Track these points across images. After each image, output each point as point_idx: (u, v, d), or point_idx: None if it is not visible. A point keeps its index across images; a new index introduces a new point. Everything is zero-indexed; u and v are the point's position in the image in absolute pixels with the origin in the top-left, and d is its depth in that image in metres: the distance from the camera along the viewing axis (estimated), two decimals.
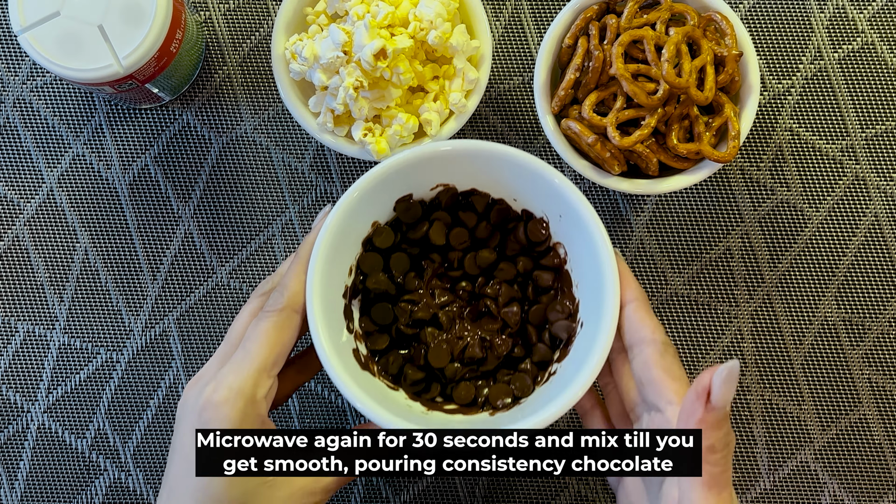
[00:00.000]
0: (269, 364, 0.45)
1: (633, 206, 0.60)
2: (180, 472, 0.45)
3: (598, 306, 0.48)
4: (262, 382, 0.45)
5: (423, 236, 0.53)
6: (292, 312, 0.47)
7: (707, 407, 0.41)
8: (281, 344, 0.46)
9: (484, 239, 0.54)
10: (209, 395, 0.45)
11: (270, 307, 0.47)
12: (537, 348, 0.53)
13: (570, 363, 0.50)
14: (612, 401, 0.50)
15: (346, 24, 0.54)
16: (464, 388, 0.53)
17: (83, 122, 0.60)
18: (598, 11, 0.54)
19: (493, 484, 0.60)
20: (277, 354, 0.46)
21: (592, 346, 0.47)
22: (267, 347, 0.46)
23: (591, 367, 0.47)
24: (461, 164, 0.51)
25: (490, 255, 0.54)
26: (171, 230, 0.60)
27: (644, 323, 0.46)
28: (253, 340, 0.46)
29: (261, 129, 0.60)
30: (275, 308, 0.47)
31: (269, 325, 0.46)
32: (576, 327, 0.51)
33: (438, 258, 0.54)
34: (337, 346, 0.49)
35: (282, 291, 0.47)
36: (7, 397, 0.60)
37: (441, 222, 0.53)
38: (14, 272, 0.60)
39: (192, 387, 0.46)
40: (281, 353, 0.46)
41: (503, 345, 0.53)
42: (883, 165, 0.60)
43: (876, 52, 0.60)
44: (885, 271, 0.60)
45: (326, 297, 0.49)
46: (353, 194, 0.49)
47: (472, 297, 0.54)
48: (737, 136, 0.52)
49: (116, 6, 0.51)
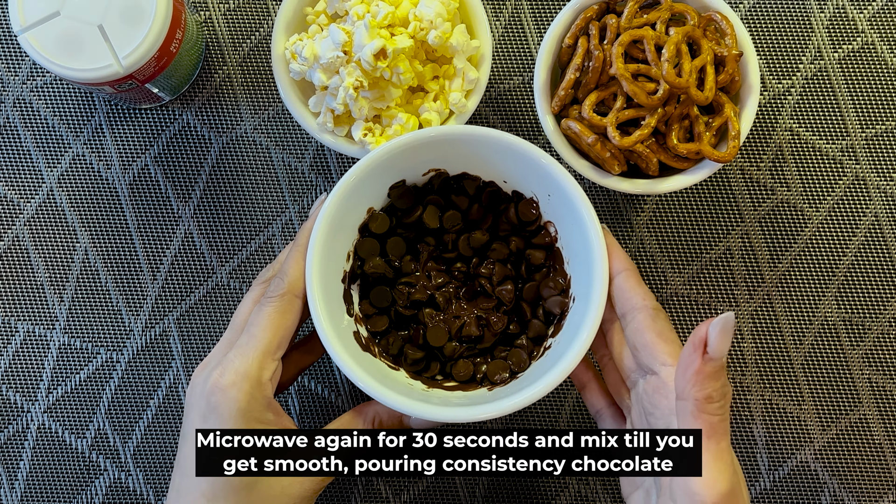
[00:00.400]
0: (274, 347, 0.47)
1: (633, 206, 0.60)
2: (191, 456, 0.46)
3: (589, 280, 0.50)
4: (268, 365, 0.47)
5: (418, 220, 0.55)
6: (293, 297, 0.48)
7: (704, 358, 0.41)
8: (284, 327, 0.47)
9: (476, 220, 0.56)
10: (216, 379, 0.46)
11: (272, 293, 0.48)
12: (532, 324, 0.55)
13: (564, 337, 0.52)
14: (609, 371, 0.51)
15: (346, 23, 0.54)
16: (462, 366, 0.55)
17: (83, 122, 0.60)
18: (598, 11, 0.54)
19: (493, 484, 0.60)
20: (281, 338, 0.47)
21: (584, 319, 0.49)
22: (270, 331, 0.47)
23: (584, 339, 0.48)
24: (452, 150, 0.52)
25: (483, 236, 0.55)
26: (171, 230, 0.60)
27: (634, 291, 0.47)
28: (257, 325, 0.47)
29: (261, 129, 0.60)
30: (276, 293, 0.48)
31: (272, 310, 0.48)
32: (568, 302, 0.53)
33: (433, 241, 0.56)
34: (338, 329, 0.50)
35: (282, 277, 0.49)
36: (7, 397, 0.60)
37: (434, 206, 0.55)
38: (14, 272, 0.60)
39: (200, 372, 0.48)
40: (284, 337, 0.47)
41: (499, 322, 0.55)
42: (883, 165, 0.60)
43: (876, 52, 0.60)
44: (885, 271, 0.60)
45: (326, 283, 0.51)
46: (348, 180, 0.50)
47: (467, 277, 0.56)
48: (737, 136, 0.52)
49: (116, 6, 0.51)
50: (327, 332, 0.49)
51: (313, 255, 0.49)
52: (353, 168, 0.50)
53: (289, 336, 0.48)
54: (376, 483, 0.60)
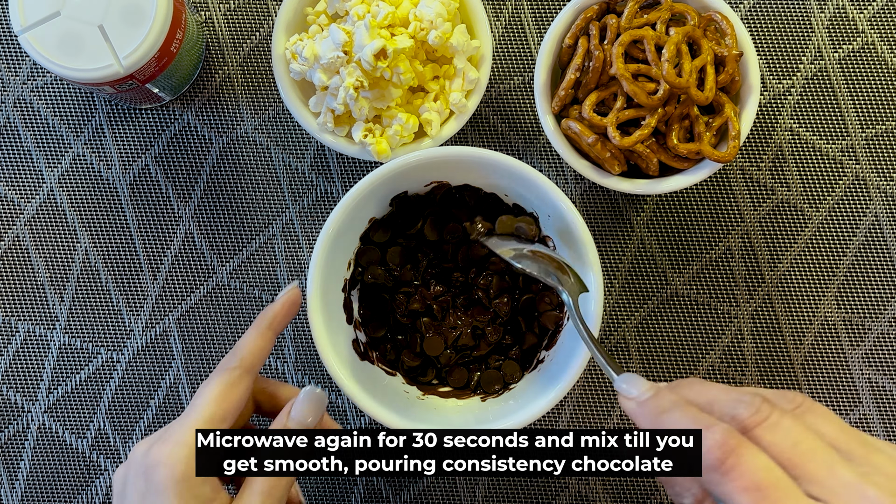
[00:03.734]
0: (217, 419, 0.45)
1: (633, 206, 0.60)
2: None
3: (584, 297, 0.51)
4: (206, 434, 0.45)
5: (418, 232, 0.56)
6: (243, 373, 0.47)
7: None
8: (228, 400, 0.46)
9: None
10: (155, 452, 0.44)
11: (221, 367, 0.48)
12: (526, 337, 0.56)
13: (557, 353, 0.53)
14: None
15: (347, 24, 0.54)
16: (457, 373, 0.56)
17: (83, 122, 0.60)
18: (599, 11, 0.54)
19: (493, 484, 0.60)
20: (225, 410, 0.46)
21: (578, 341, 0.51)
22: (214, 403, 0.46)
23: (577, 363, 0.50)
24: (455, 166, 0.52)
25: (482, 248, 0.55)
26: (171, 230, 0.60)
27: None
28: (201, 396, 0.46)
29: (261, 129, 0.60)
30: (226, 367, 0.48)
31: (218, 382, 0.47)
32: (563, 318, 0.54)
33: (432, 253, 0.57)
34: (336, 345, 0.52)
35: (235, 353, 0.48)
36: (7, 397, 0.60)
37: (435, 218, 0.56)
38: (14, 272, 0.60)
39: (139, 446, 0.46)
40: (228, 410, 0.46)
41: (494, 334, 0.56)
42: (883, 165, 0.60)
43: (876, 52, 0.60)
44: (885, 271, 0.60)
45: (327, 293, 0.52)
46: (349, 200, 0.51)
47: (464, 288, 0.57)
48: (737, 136, 0.52)
49: (117, 6, 0.51)
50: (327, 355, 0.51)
51: (314, 276, 0.51)
52: (356, 186, 0.51)
53: (234, 409, 0.47)
54: (376, 483, 0.60)
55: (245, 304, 0.60)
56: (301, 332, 0.60)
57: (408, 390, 0.55)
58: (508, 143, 0.60)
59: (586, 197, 0.60)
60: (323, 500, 0.60)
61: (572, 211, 0.50)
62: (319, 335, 0.51)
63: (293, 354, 0.60)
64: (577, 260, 0.51)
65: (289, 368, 0.60)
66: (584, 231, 0.50)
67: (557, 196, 0.50)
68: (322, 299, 0.51)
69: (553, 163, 0.60)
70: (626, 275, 0.60)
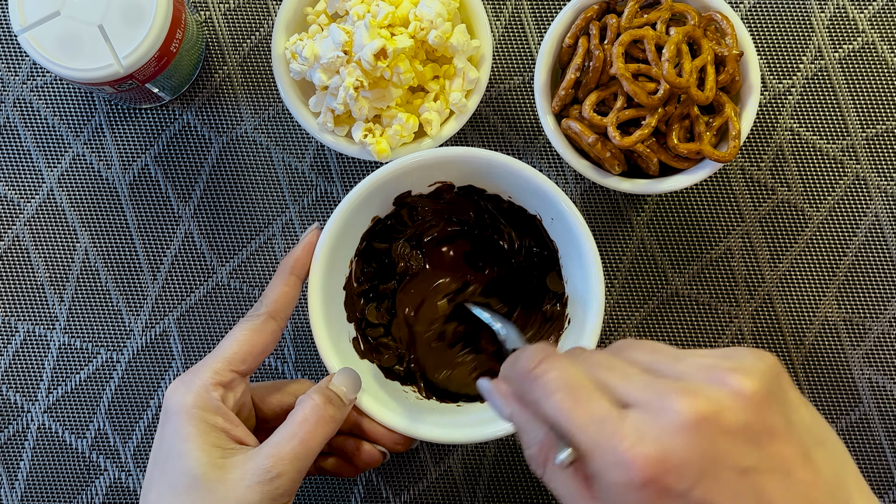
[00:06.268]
0: (237, 359, 0.47)
1: (633, 206, 0.60)
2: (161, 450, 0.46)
3: (584, 311, 0.51)
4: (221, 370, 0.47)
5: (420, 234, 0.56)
6: (269, 318, 0.49)
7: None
8: (251, 343, 0.48)
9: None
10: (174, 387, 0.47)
11: (250, 314, 0.50)
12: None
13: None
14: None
15: (347, 23, 0.54)
16: (457, 376, 0.56)
17: (83, 122, 0.60)
18: (599, 11, 0.54)
19: (493, 484, 0.60)
20: (246, 352, 0.48)
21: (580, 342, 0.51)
22: (237, 344, 0.48)
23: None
24: (459, 167, 0.52)
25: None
26: (171, 230, 0.60)
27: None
28: (227, 339, 0.48)
29: (261, 129, 0.60)
30: (253, 314, 0.49)
31: (245, 327, 0.49)
32: (564, 323, 0.54)
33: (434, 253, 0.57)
34: (336, 343, 0.52)
35: (262, 301, 0.50)
36: (7, 397, 0.60)
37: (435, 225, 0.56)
38: (14, 272, 0.60)
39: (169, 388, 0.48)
40: (250, 352, 0.48)
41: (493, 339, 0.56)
42: (883, 165, 0.60)
43: (876, 52, 0.60)
44: (885, 271, 0.60)
45: (327, 291, 0.52)
46: (352, 199, 0.51)
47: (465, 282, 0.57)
48: (737, 135, 0.52)
49: (116, 6, 0.51)
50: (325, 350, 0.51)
51: (315, 275, 0.51)
52: (358, 185, 0.51)
53: (258, 353, 0.48)
54: (376, 483, 0.60)
55: (245, 304, 0.60)
56: (301, 332, 0.60)
57: (406, 391, 0.55)
58: (508, 143, 0.60)
59: (586, 197, 0.60)
60: (323, 499, 0.60)
61: (573, 211, 0.50)
62: (320, 334, 0.51)
63: (293, 354, 0.60)
64: (578, 261, 0.51)
65: (289, 368, 0.60)
66: (585, 231, 0.50)
67: (558, 196, 0.50)
68: (323, 298, 0.51)
69: (553, 163, 0.60)
70: (626, 275, 0.60)
